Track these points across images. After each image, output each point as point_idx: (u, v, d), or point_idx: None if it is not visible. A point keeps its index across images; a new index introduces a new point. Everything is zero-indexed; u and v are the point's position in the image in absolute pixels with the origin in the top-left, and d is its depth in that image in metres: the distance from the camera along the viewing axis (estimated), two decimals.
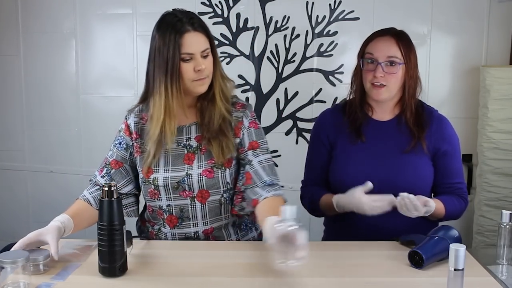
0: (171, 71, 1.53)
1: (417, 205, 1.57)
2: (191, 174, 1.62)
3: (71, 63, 2.92)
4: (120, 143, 1.70)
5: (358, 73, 1.78)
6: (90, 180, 1.72)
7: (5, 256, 1.27)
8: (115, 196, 1.36)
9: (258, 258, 1.52)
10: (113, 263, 1.36)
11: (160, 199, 1.66)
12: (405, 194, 1.59)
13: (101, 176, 1.69)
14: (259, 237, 1.80)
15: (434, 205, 1.62)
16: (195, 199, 1.64)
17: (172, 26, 1.54)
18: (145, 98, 1.66)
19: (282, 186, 1.68)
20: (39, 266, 1.38)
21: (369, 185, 1.63)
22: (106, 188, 1.35)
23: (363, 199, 1.61)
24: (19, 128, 2.99)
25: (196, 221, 1.67)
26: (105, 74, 2.92)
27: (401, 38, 1.72)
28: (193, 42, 1.54)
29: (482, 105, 2.72)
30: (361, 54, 1.76)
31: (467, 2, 2.80)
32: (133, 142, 1.68)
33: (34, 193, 3.03)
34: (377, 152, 1.76)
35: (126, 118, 1.72)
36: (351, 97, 1.84)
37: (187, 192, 1.64)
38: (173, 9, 1.60)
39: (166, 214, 1.67)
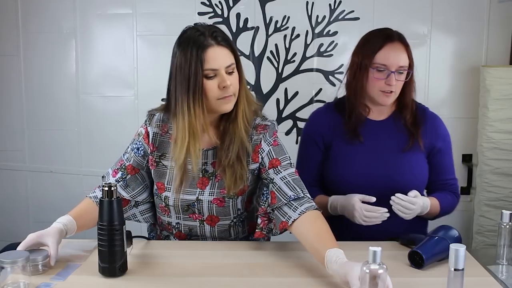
0: (194, 89, 1.42)
1: (412, 199, 1.60)
2: (202, 200, 1.58)
3: (71, 63, 2.92)
4: (138, 149, 1.61)
5: (357, 75, 1.73)
6: (103, 177, 1.67)
7: (5, 256, 1.27)
8: (115, 196, 1.36)
9: (258, 258, 1.52)
10: (113, 263, 1.36)
11: (170, 216, 1.65)
12: (399, 194, 1.61)
13: (116, 180, 1.61)
14: None
15: (427, 201, 1.66)
16: (205, 222, 1.63)
17: (194, 41, 1.43)
18: (167, 107, 1.55)
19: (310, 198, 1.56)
20: (38, 266, 1.38)
21: (372, 199, 1.63)
22: (106, 188, 1.35)
23: (356, 206, 1.62)
24: (19, 128, 2.99)
25: (204, 238, 1.67)
26: (105, 74, 2.92)
27: (407, 44, 1.71)
28: (217, 57, 1.44)
29: (482, 105, 2.72)
30: (369, 62, 1.69)
31: (467, 2, 2.80)
32: (149, 154, 1.61)
33: (34, 193, 3.03)
34: (375, 152, 1.76)
35: (146, 123, 1.61)
36: (347, 95, 1.80)
37: (196, 215, 1.62)
38: (194, 24, 1.51)
39: (175, 230, 1.67)
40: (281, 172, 1.55)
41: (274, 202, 1.52)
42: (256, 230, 1.59)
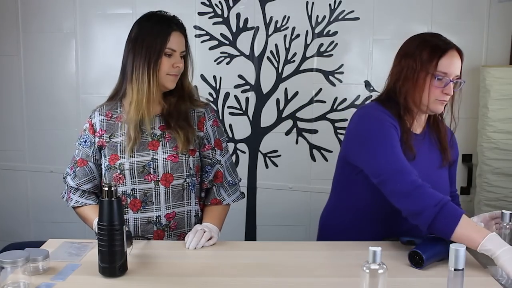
0: (155, 60, 1.67)
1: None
2: (157, 159, 1.71)
3: (71, 63, 2.92)
4: (85, 141, 1.79)
5: (418, 81, 1.60)
6: (64, 177, 1.82)
7: (5, 256, 1.27)
8: (115, 196, 1.36)
9: (258, 258, 1.52)
10: (113, 263, 1.36)
11: (124, 184, 1.72)
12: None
13: (71, 179, 1.79)
14: None
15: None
16: (159, 182, 1.71)
17: (164, 20, 1.71)
18: (123, 74, 1.77)
19: (240, 180, 1.89)
20: (38, 266, 1.38)
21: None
22: (106, 188, 1.35)
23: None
24: (19, 128, 2.99)
25: (159, 205, 1.72)
26: (105, 74, 2.91)
27: (461, 53, 1.63)
28: (178, 41, 1.69)
29: (482, 105, 2.72)
30: (433, 70, 1.58)
31: (467, 2, 2.80)
32: (97, 138, 1.76)
33: (34, 193, 3.03)
34: (421, 168, 1.58)
35: (90, 118, 1.81)
36: (403, 102, 1.62)
37: (152, 176, 1.71)
38: (158, 10, 1.75)
39: (129, 198, 1.72)
40: (225, 155, 1.83)
41: (219, 182, 1.80)
42: (201, 202, 1.83)
